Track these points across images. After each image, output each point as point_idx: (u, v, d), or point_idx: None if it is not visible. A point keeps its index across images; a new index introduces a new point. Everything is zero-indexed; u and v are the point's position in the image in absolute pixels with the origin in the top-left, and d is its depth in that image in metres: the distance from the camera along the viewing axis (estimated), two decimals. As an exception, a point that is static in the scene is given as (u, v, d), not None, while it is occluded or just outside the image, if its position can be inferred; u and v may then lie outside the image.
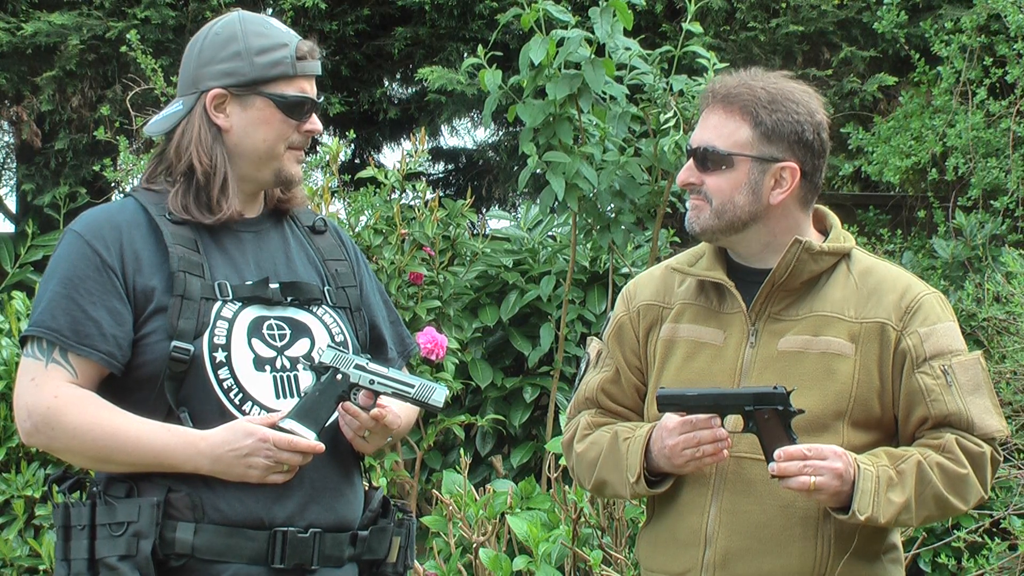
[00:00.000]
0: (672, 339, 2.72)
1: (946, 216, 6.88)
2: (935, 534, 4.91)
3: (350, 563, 2.64)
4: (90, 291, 2.55)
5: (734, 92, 2.63)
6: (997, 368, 5.06)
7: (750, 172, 2.62)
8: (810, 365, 2.60)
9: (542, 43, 4.92)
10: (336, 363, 2.58)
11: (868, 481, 2.50)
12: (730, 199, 2.62)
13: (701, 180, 2.64)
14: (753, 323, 2.65)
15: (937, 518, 2.66)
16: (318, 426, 2.54)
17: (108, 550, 2.50)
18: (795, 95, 2.65)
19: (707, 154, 2.63)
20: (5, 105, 8.42)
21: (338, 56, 8.90)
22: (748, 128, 2.61)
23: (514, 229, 6.47)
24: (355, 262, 2.83)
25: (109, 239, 2.59)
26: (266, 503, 2.54)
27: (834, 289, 2.65)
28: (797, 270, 2.63)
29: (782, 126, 2.61)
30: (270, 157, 2.66)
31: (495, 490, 4.52)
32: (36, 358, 2.55)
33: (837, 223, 2.75)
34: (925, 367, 2.61)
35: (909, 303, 2.63)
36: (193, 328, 2.54)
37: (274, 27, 2.69)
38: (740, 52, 8.24)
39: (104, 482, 2.57)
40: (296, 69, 2.65)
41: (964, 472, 2.57)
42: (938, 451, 2.58)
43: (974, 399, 2.61)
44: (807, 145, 2.63)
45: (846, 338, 2.61)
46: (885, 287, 2.65)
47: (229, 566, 2.52)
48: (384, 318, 2.85)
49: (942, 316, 2.65)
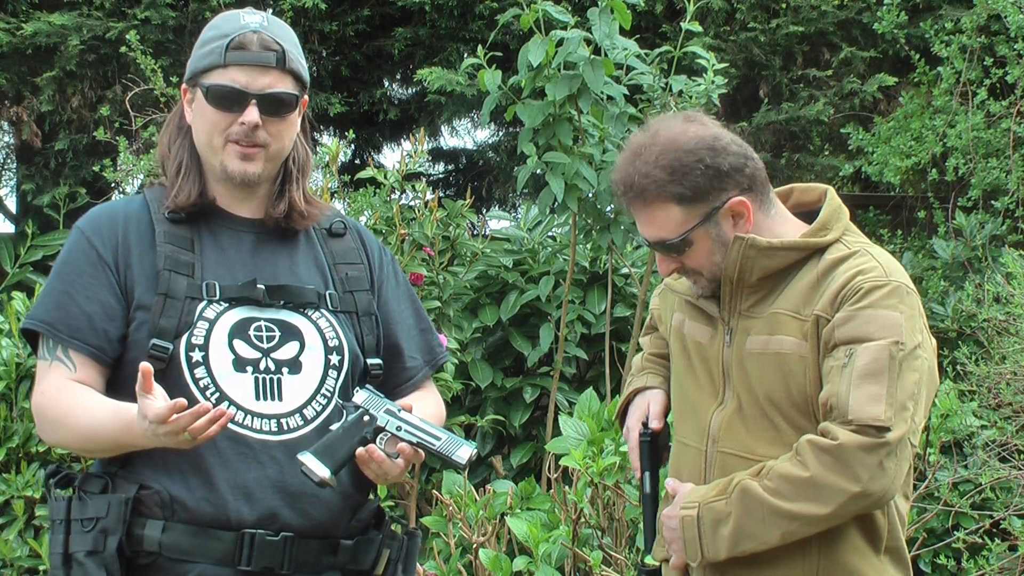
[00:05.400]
0: (679, 330, 2.77)
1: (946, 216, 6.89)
2: (935, 535, 4.91)
3: (332, 571, 2.60)
4: (85, 285, 2.57)
5: (638, 185, 2.59)
6: (997, 369, 5.06)
7: (709, 233, 2.61)
8: (769, 366, 2.59)
9: (541, 44, 4.92)
10: (366, 405, 2.57)
11: (690, 529, 2.57)
12: (711, 262, 2.64)
13: (680, 263, 2.67)
14: (727, 322, 2.66)
15: (805, 531, 2.51)
16: (334, 463, 2.51)
17: (78, 545, 2.50)
18: (682, 143, 2.58)
19: (665, 246, 2.64)
20: (5, 105, 8.42)
21: (338, 56, 8.90)
22: (675, 207, 2.59)
23: (514, 229, 6.46)
24: (376, 267, 2.78)
25: (106, 234, 2.60)
26: (236, 504, 2.52)
27: (798, 285, 2.61)
28: (747, 267, 2.62)
29: (698, 182, 2.58)
30: (210, 149, 2.63)
31: (495, 490, 4.52)
32: (44, 358, 2.59)
33: (827, 213, 2.67)
34: (834, 351, 2.53)
35: (846, 292, 2.54)
36: (174, 327, 2.54)
37: (235, 20, 2.62)
38: (740, 52, 8.25)
39: (82, 477, 2.58)
40: (225, 59, 2.58)
41: (806, 475, 2.47)
42: (790, 457, 2.51)
43: (863, 383, 2.47)
44: (727, 174, 2.59)
45: (799, 336, 2.57)
46: (835, 279, 2.57)
47: (196, 565, 2.50)
48: (411, 325, 2.80)
49: (878, 303, 2.52)
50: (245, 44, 2.59)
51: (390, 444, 2.55)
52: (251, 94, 2.58)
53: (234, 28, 2.61)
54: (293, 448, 2.56)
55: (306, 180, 2.74)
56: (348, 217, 2.87)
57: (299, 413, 2.59)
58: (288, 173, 2.70)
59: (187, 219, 2.64)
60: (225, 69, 2.58)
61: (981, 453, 4.92)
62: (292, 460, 2.54)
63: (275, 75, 2.60)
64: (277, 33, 2.63)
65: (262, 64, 2.59)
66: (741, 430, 2.62)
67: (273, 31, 2.63)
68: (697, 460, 2.67)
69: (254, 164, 2.62)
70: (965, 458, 5.01)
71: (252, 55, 2.59)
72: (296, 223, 2.69)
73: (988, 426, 4.99)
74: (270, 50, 2.60)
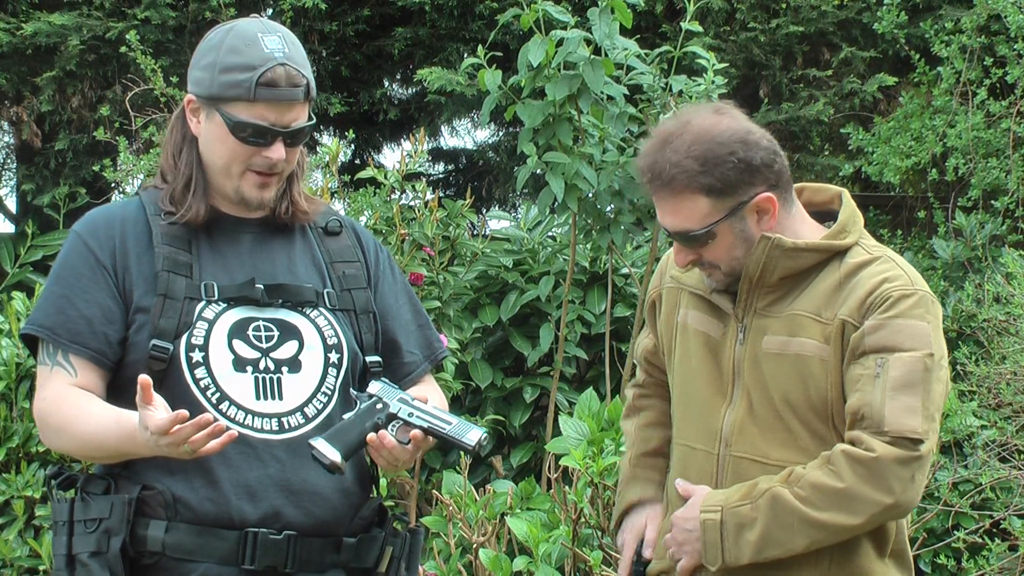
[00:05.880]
0: (685, 325, 2.73)
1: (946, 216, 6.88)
2: (935, 535, 4.91)
3: (336, 569, 2.60)
4: (84, 289, 2.57)
5: (667, 174, 2.55)
6: (997, 369, 5.06)
7: (733, 228, 2.57)
8: (788, 368, 2.57)
9: (541, 44, 4.92)
10: (380, 394, 2.58)
11: (711, 533, 2.54)
12: (732, 256, 2.60)
13: (698, 255, 2.62)
14: (741, 320, 2.63)
15: (832, 539, 2.52)
16: (345, 448, 2.51)
17: (82, 546, 2.50)
18: (715, 134, 2.54)
19: (687, 238, 2.59)
20: (5, 105, 8.42)
21: (338, 56, 8.90)
22: (703, 198, 2.55)
23: (514, 229, 6.46)
24: (373, 264, 2.78)
25: (103, 237, 2.60)
26: (239, 503, 2.52)
27: (819, 287, 2.59)
28: (769, 267, 2.59)
29: (728, 176, 2.54)
30: (226, 175, 2.62)
31: (495, 490, 4.51)
32: (44, 363, 2.59)
33: (846, 215, 2.65)
34: (862, 359, 2.51)
35: (874, 299, 2.52)
36: (174, 328, 2.54)
37: (257, 46, 2.56)
38: (740, 52, 8.25)
39: (84, 478, 2.58)
40: (255, 95, 2.54)
41: (840, 486, 2.45)
42: (821, 465, 2.49)
43: (898, 395, 2.46)
44: (757, 169, 2.55)
45: (821, 339, 2.55)
46: (861, 284, 2.55)
47: (199, 565, 2.50)
48: (408, 321, 2.80)
49: (907, 313, 2.51)
50: (275, 81, 2.55)
51: (402, 431, 2.56)
52: (279, 132, 2.57)
53: (260, 59, 2.55)
54: (295, 447, 2.56)
55: (303, 177, 2.75)
56: (344, 215, 2.87)
57: (300, 412, 2.60)
58: (292, 176, 2.70)
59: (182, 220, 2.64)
60: (252, 104, 2.55)
61: (981, 453, 4.91)
62: (294, 458, 2.54)
63: (299, 109, 2.60)
64: (298, 60, 2.59)
65: (291, 100, 2.57)
66: (754, 432, 2.60)
67: (295, 59, 2.59)
68: (707, 464, 2.65)
69: (270, 191, 2.64)
70: (965, 458, 5.00)
71: (282, 92, 2.56)
72: (298, 219, 2.71)
73: (988, 426, 4.99)
74: (298, 87, 2.57)
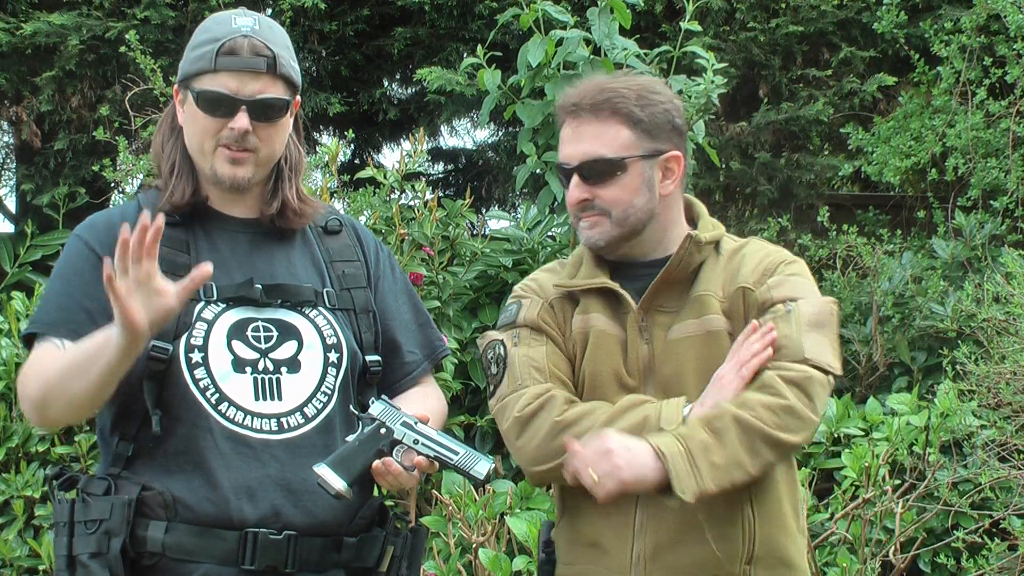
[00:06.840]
0: (585, 329, 2.68)
1: (946, 216, 6.88)
2: (935, 534, 4.91)
3: (337, 569, 2.61)
4: (85, 283, 2.58)
5: (601, 98, 2.60)
6: (997, 368, 5.06)
7: (643, 171, 2.61)
8: (700, 347, 2.60)
9: (541, 43, 4.93)
10: (383, 417, 2.56)
11: (678, 460, 2.43)
12: (630, 204, 2.62)
13: (594, 194, 2.62)
14: (642, 319, 2.65)
15: (773, 462, 2.53)
16: (350, 476, 2.51)
17: (82, 547, 2.51)
18: (654, 86, 2.66)
19: (595, 165, 2.59)
20: (5, 105, 8.41)
21: (338, 56, 8.90)
22: (627, 129, 2.60)
23: (513, 229, 6.45)
24: (373, 263, 2.79)
25: (104, 238, 2.61)
26: (238, 503, 2.52)
27: (706, 273, 2.66)
28: (686, 264, 2.65)
29: (656, 118, 2.62)
30: (201, 153, 2.63)
31: (495, 490, 4.52)
32: None
33: (704, 210, 2.76)
34: (771, 309, 2.59)
35: (766, 265, 2.64)
36: (173, 328, 2.54)
37: (226, 24, 2.61)
38: (740, 52, 8.24)
39: (85, 480, 2.58)
40: (216, 64, 2.57)
41: (786, 402, 2.48)
42: (759, 390, 2.50)
43: (812, 332, 2.55)
44: (679, 131, 2.66)
45: (723, 315, 2.62)
46: (747, 260, 2.66)
47: (200, 566, 2.51)
48: (408, 320, 2.80)
49: (799, 273, 2.64)
50: (236, 49, 2.58)
51: (406, 456, 2.55)
52: (241, 100, 2.58)
53: (225, 32, 2.60)
54: (294, 447, 2.56)
55: (299, 179, 2.74)
56: (343, 214, 2.87)
57: (299, 412, 2.60)
58: (281, 173, 2.70)
59: (182, 221, 2.64)
60: (215, 74, 2.58)
61: (981, 453, 4.91)
62: (294, 458, 2.54)
63: (265, 80, 2.60)
64: (268, 37, 2.62)
65: (252, 70, 2.58)
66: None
67: (264, 35, 2.61)
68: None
69: (244, 168, 2.63)
70: (965, 458, 5.00)
71: (242, 61, 2.58)
72: (290, 222, 2.70)
73: (988, 426, 4.99)
74: (261, 56, 2.59)
